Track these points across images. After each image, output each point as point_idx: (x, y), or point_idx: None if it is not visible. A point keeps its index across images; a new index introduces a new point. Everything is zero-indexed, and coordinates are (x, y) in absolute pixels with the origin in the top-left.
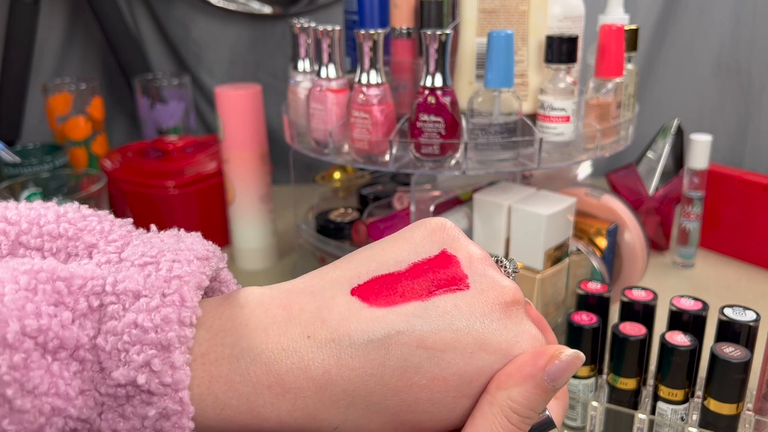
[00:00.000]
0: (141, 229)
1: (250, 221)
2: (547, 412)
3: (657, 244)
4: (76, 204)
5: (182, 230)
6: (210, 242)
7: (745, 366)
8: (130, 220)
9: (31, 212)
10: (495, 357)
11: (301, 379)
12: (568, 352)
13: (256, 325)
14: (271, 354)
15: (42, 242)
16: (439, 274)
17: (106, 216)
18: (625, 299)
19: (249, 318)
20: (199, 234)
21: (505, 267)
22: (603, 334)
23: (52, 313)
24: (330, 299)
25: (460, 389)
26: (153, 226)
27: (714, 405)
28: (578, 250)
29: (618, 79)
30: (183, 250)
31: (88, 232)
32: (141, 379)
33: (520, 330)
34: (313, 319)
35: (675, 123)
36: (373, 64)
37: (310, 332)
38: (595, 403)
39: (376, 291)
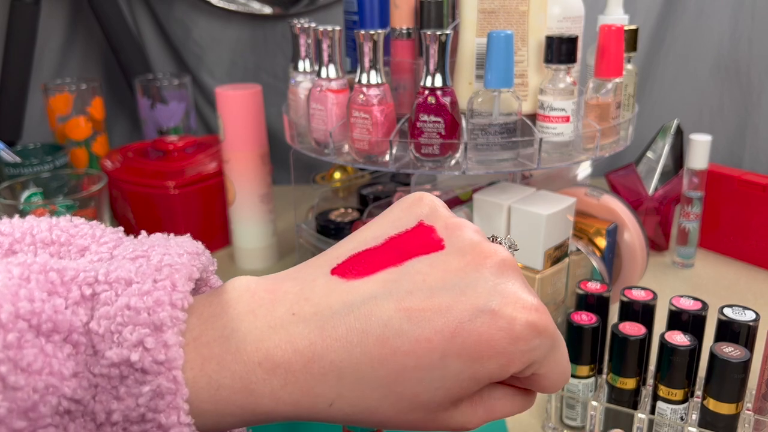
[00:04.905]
0: (131, 236)
1: (250, 221)
2: None
3: (656, 244)
4: (68, 216)
5: (172, 234)
6: (199, 242)
7: (745, 366)
8: (121, 228)
9: (24, 224)
10: (473, 310)
11: (289, 353)
12: None
13: (244, 307)
14: (259, 332)
15: (35, 249)
16: (415, 242)
17: (97, 224)
18: (624, 299)
19: (237, 302)
20: (188, 235)
21: (501, 244)
22: (602, 333)
23: (46, 299)
24: (312, 281)
25: (444, 348)
26: (143, 232)
27: (713, 405)
28: (578, 250)
29: (617, 80)
30: (173, 246)
31: (80, 237)
32: (134, 357)
33: (502, 286)
34: (297, 298)
35: (674, 123)
36: (373, 65)
37: (294, 310)
38: (594, 403)
39: (354, 267)
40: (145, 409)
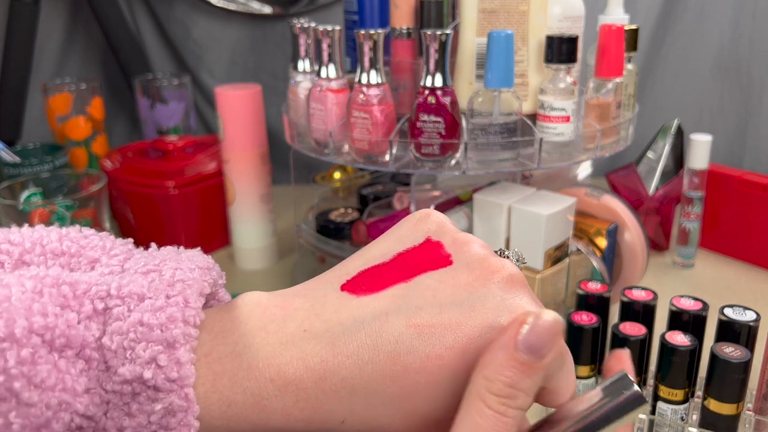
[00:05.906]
0: (141, 248)
1: (250, 221)
2: (623, 371)
3: (657, 244)
4: (77, 226)
5: (182, 247)
6: (209, 256)
7: (745, 366)
8: (131, 240)
9: (34, 233)
10: (482, 326)
11: (300, 370)
12: (542, 314)
13: (256, 323)
14: (271, 349)
15: (45, 260)
16: (423, 258)
17: (107, 235)
18: (625, 299)
19: (249, 318)
20: (198, 249)
21: (508, 258)
22: (603, 334)
23: (59, 314)
24: (322, 297)
25: (455, 365)
26: (153, 245)
27: (714, 405)
28: (578, 250)
29: (618, 79)
30: (184, 260)
31: (91, 249)
32: (147, 374)
33: (510, 301)
34: (308, 314)
35: (675, 123)
36: (373, 64)
37: (306, 326)
38: None
39: (364, 283)
40: (157, 426)
